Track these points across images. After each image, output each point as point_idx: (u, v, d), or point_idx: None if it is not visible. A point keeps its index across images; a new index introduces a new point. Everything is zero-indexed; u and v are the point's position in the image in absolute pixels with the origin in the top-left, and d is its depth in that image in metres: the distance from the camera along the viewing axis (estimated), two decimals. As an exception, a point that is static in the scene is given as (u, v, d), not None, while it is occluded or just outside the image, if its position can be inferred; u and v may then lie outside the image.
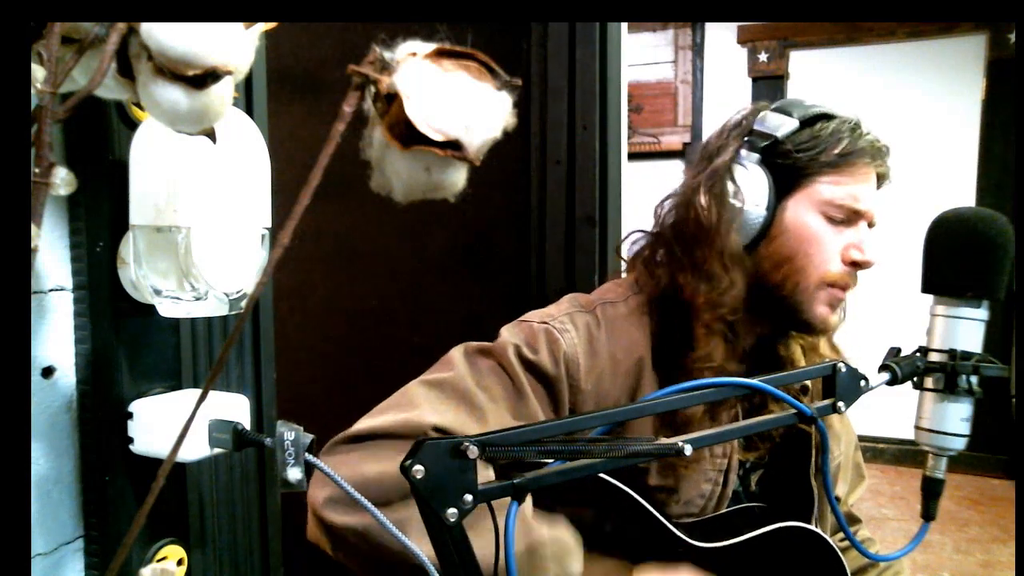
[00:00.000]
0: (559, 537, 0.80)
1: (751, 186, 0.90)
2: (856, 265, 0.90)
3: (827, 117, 0.92)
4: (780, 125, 0.91)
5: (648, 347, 0.93)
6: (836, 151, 0.89)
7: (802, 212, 0.91)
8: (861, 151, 0.90)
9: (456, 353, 0.89)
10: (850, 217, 0.90)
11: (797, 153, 0.90)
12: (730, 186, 0.90)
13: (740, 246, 0.91)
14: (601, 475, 0.82)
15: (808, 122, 0.92)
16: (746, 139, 0.93)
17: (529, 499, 0.82)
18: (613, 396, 0.90)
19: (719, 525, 0.90)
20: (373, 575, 0.79)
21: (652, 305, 0.96)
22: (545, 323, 0.91)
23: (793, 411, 0.66)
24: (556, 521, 0.81)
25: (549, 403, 0.88)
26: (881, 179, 0.95)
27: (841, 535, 1.09)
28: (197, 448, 0.75)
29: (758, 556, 0.87)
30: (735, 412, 0.94)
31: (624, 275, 1.06)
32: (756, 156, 0.92)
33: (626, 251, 1.05)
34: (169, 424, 0.80)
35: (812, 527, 0.91)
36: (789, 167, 0.91)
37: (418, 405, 0.81)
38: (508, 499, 0.51)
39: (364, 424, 0.81)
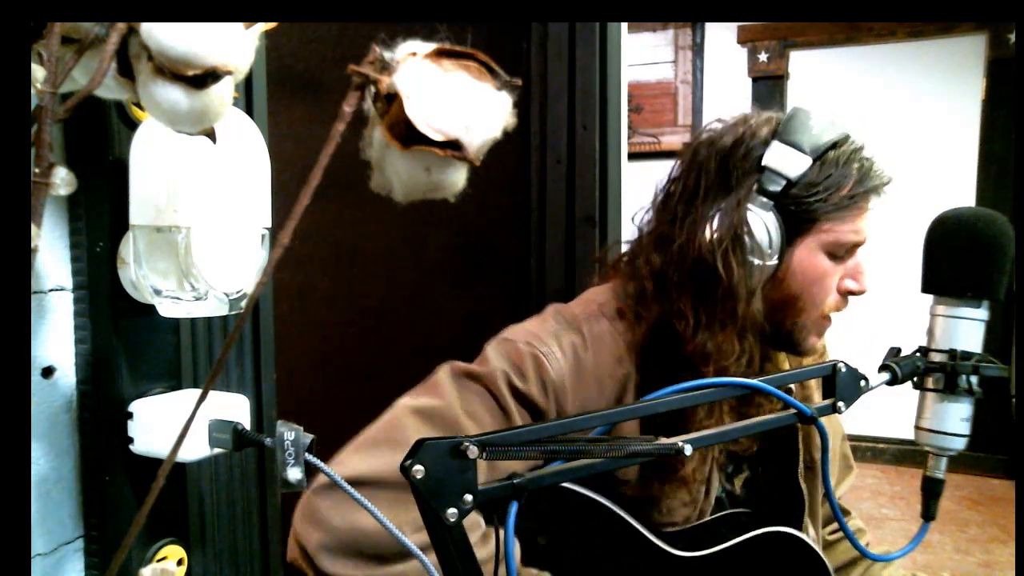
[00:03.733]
0: None
1: (767, 238, 0.86)
2: (851, 293, 0.90)
3: (835, 145, 0.87)
4: (792, 164, 0.85)
5: (635, 368, 0.90)
6: (844, 192, 0.86)
7: (809, 254, 0.88)
8: (867, 192, 0.87)
9: (444, 376, 0.86)
10: (850, 250, 0.90)
11: (808, 198, 0.86)
12: (748, 241, 0.85)
13: (762, 313, 0.87)
14: (578, 488, 0.82)
15: (818, 157, 0.86)
16: (755, 178, 0.87)
17: (517, 549, 0.82)
18: None
19: (704, 533, 0.90)
20: None
21: (643, 333, 0.91)
22: (531, 345, 0.87)
23: (793, 411, 0.66)
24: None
25: None
26: None
27: (833, 527, 1.09)
28: (197, 448, 0.75)
29: (742, 563, 0.86)
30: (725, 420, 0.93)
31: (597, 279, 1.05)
32: (768, 203, 0.86)
33: (609, 259, 1.04)
34: (169, 424, 0.80)
35: (795, 532, 0.90)
36: (800, 211, 0.86)
37: (408, 441, 0.79)
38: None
39: (355, 466, 0.78)
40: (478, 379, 0.86)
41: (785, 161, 0.86)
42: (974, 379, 0.74)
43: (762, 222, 0.86)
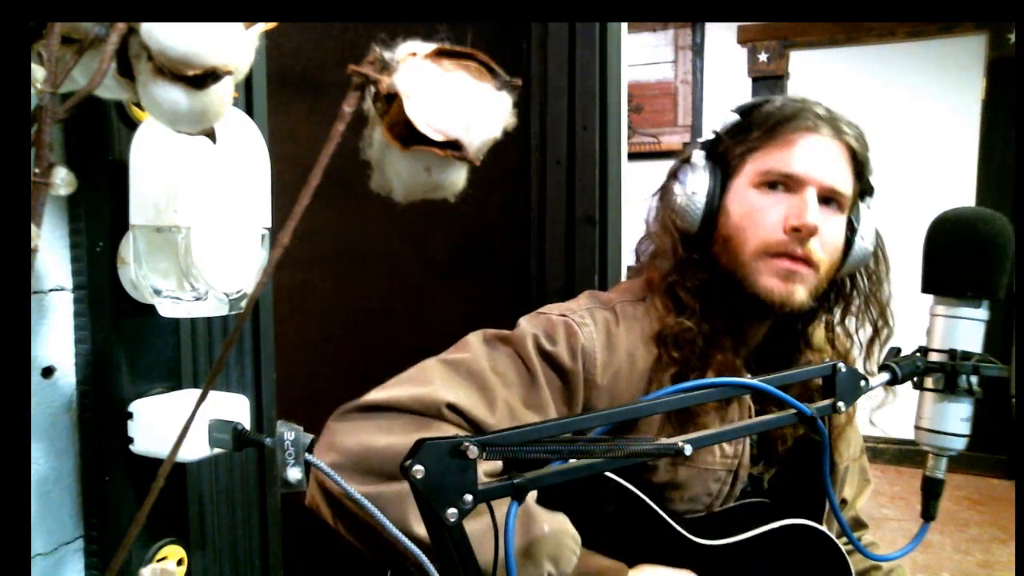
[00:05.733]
0: (558, 535, 0.79)
1: (690, 179, 0.95)
2: (795, 231, 0.88)
3: (768, 103, 0.95)
4: (722, 121, 0.97)
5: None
6: (763, 128, 0.92)
7: (739, 192, 0.93)
8: (786, 118, 0.91)
9: (473, 337, 0.90)
10: (786, 183, 0.90)
11: (732, 140, 0.95)
12: (673, 181, 0.97)
13: (671, 226, 0.96)
14: (608, 474, 0.82)
15: (746, 112, 0.96)
16: (699, 141, 0.99)
17: (533, 493, 0.82)
18: (628, 394, 0.90)
19: (724, 521, 0.90)
20: (370, 547, 0.79)
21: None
22: (564, 316, 0.91)
23: (793, 411, 0.66)
24: (557, 517, 0.81)
25: (563, 395, 0.88)
26: (857, 157, 0.93)
27: (843, 539, 1.09)
28: (197, 448, 0.75)
29: (762, 553, 0.87)
30: (747, 415, 0.94)
31: (625, 276, 1.07)
32: (700, 153, 0.97)
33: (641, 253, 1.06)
34: (169, 424, 0.80)
35: (818, 525, 0.91)
36: (727, 156, 0.95)
37: (432, 381, 0.81)
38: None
39: (378, 395, 0.81)
40: (507, 341, 0.89)
41: (719, 121, 0.98)
42: (974, 379, 0.74)
43: (687, 167, 0.97)
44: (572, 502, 0.85)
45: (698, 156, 0.96)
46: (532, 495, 0.81)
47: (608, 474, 0.82)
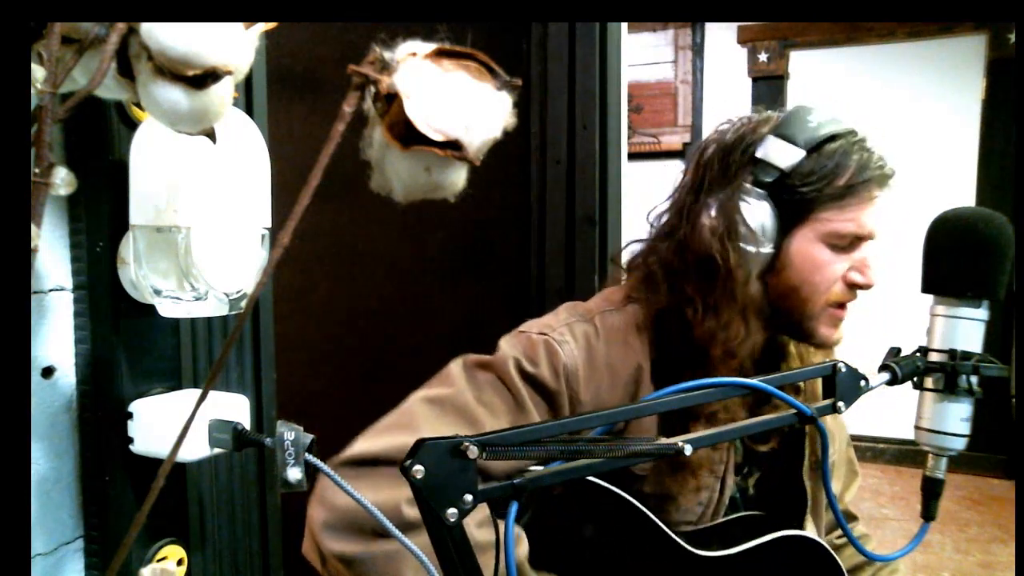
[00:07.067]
0: None
1: (760, 225, 0.88)
2: (857, 287, 0.90)
3: (832, 139, 0.88)
4: (785, 156, 0.88)
5: (647, 357, 0.92)
6: (841, 182, 0.87)
7: (807, 244, 0.89)
8: (867, 182, 0.88)
9: (455, 367, 0.88)
10: (853, 242, 0.90)
11: (802, 187, 0.87)
12: (742, 229, 0.88)
13: (762, 295, 0.89)
14: (602, 483, 0.82)
15: (813, 148, 0.88)
16: (750, 170, 0.89)
17: (525, 544, 0.82)
18: (613, 403, 0.90)
19: (717, 534, 0.90)
20: None
21: (652, 318, 0.94)
22: (544, 334, 0.89)
23: (793, 411, 0.66)
24: None
25: (550, 416, 0.88)
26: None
27: (838, 532, 1.10)
28: (197, 448, 0.75)
29: (760, 565, 0.86)
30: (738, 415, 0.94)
31: (624, 279, 1.06)
32: (762, 192, 0.88)
33: (624, 258, 1.04)
34: (169, 424, 0.80)
35: (813, 536, 0.91)
36: (795, 201, 0.88)
37: (418, 426, 0.80)
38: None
39: (363, 447, 0.80)
40: (488, 367, 0.87)
41: (777, 153, 0.88)
42: (974, 379, 0.74)
43: (754, 211, 0.88)
44: (568, 517, 0.85)
45: (760, 193, 0.88)
46: (524, 551, 0.80)
47: (607, 485, 0.82)
